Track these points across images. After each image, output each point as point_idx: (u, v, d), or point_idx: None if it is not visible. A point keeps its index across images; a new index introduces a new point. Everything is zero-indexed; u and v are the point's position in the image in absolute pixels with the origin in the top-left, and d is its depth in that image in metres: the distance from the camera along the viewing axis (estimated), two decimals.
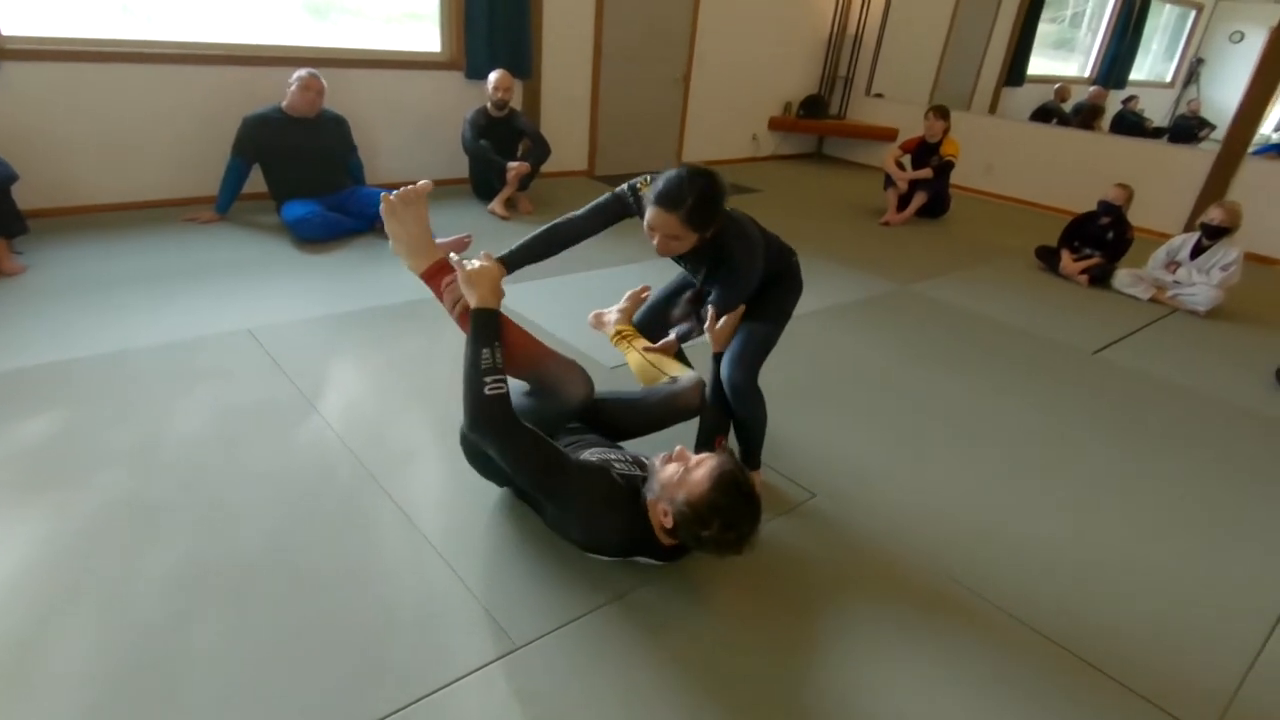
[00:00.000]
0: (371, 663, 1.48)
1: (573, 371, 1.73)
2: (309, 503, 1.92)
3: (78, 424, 2.15)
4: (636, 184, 1.83)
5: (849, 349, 3.18)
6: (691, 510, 1.47)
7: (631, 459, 1.74)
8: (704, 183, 1.68)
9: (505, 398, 1.53)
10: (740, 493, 1.48)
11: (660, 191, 1.68)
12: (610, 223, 1.87)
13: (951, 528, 2.06)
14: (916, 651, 1.63)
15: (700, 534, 1.48)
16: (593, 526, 1.66)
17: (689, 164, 1.72)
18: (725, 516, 1.46)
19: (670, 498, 1.51)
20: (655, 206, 1.69)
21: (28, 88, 3.57)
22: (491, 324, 1.57)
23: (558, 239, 1.85)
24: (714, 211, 1.71)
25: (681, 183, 1.67)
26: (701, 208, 1.67)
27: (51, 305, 2.85)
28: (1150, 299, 4.15)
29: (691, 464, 1.54)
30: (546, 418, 1.74)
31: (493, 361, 1.53)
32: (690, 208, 1.66)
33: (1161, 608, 1.84)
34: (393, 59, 4.67)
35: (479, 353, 1.54)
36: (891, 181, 5.33)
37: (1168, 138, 6.37)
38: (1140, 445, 2.61)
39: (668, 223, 1.69)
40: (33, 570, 1.63)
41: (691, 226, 1.70)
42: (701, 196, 1.67)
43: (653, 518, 1.59)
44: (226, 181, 3.86)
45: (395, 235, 1.69)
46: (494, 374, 1.52)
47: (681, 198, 1.66)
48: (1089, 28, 7.61)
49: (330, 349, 2.74)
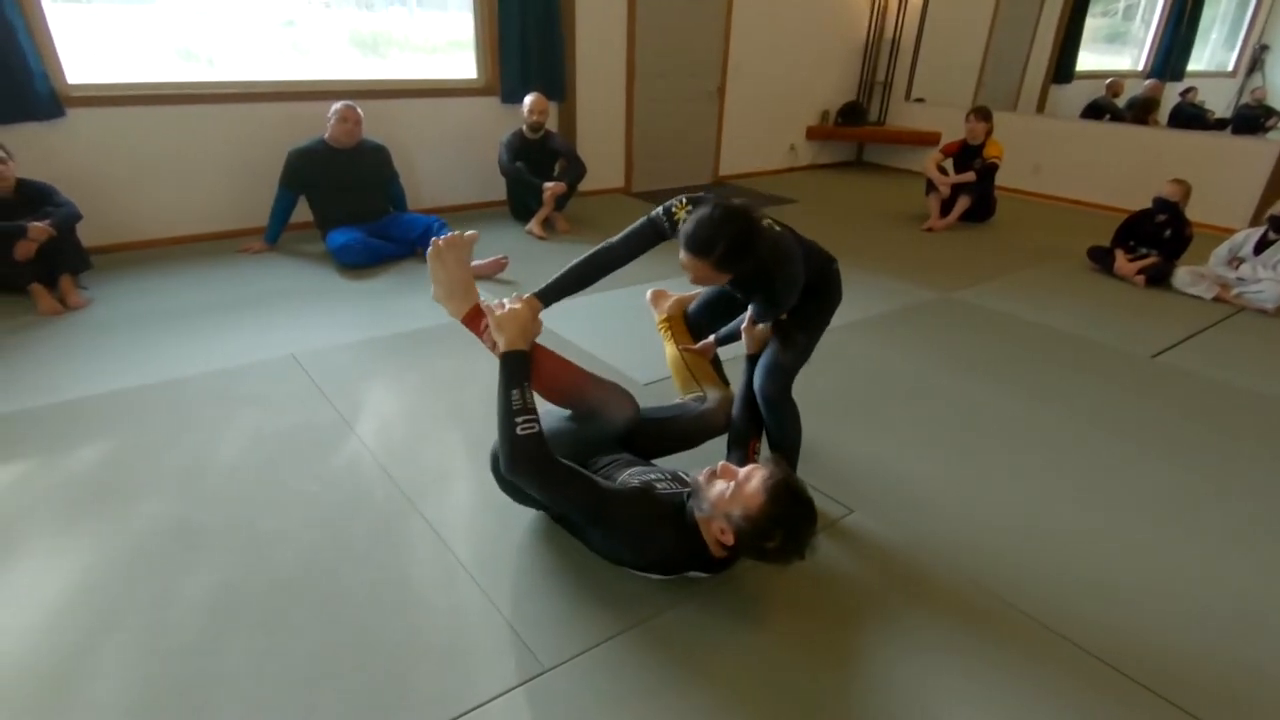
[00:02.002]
0: (401, 684, 1.49)
1: (615, 395, 1.74)
2: (344, 525, 1.95)
3: (126, 452, 2.24)
4: (672, 207, 1.78)
5: (890, 360, 3.10)
6: (751, 524, 1.47)
7: (670, 476, 1.74)
8: (735, 229, 1.60)
9: (537, 436, 1.54)
10: (798, 500, 1.48)
11: (690, 235, 1.62)
12: (646, 248, 1.83)
13: (997, 545, 1.98)
14: (961, 673, 1.56)
15: (765, 546, 1.48)
16: (644, 548, 1.66)
17: (721, 202, 1.64)
18: (787, 525, 1.46)
19: (726, 513, 1.50)
20: (686, 251, 1.64)
21: (92, 132, 3.78)
22: (520, 366, 1.60)
23: (593, 269, 1.80)
24: (746, 255, 1.64)
25: (713, 228, 1.60)
26: (733, 254, 1.62)
27: (111, 337, 2.99)
28: (1214, 298, 3.94)
29: (741, 478, 1.52)
30: (590, 441, 1.76)
31: (523, 402, 1.56)
32: (721, 255, 1.61)
33: (1223, 632, 1.72)
34: (431, 87, 4.80)
35: (509, 395, 1.57)
36: (933, 187, 5.21)
37: (1231, 129, 6.07)
38: (1206, 456, 2.46)
39: (698, 267, 1.65)
40: (76, 595, 1.69)
41: (723, 270, 1.66)
42: (733, 243, 1.60)
43: (706, 534, 1.58)
44: (275, 213, 4.02)
45: (437, 278, 1.69)
46: (525, 414, 1.55)
47: (713, 245, 1.60)
48: (1142, 20, 7.34)
49: (370, 372, 2.80)
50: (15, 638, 1.57)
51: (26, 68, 3.48)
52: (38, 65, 3.53)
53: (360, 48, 4.68)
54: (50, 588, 1.71)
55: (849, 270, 2.19)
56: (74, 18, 3.73)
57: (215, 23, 4.17)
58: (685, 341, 2.23)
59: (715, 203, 1.64)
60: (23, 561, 1.79)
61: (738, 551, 1.54)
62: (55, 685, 1.46)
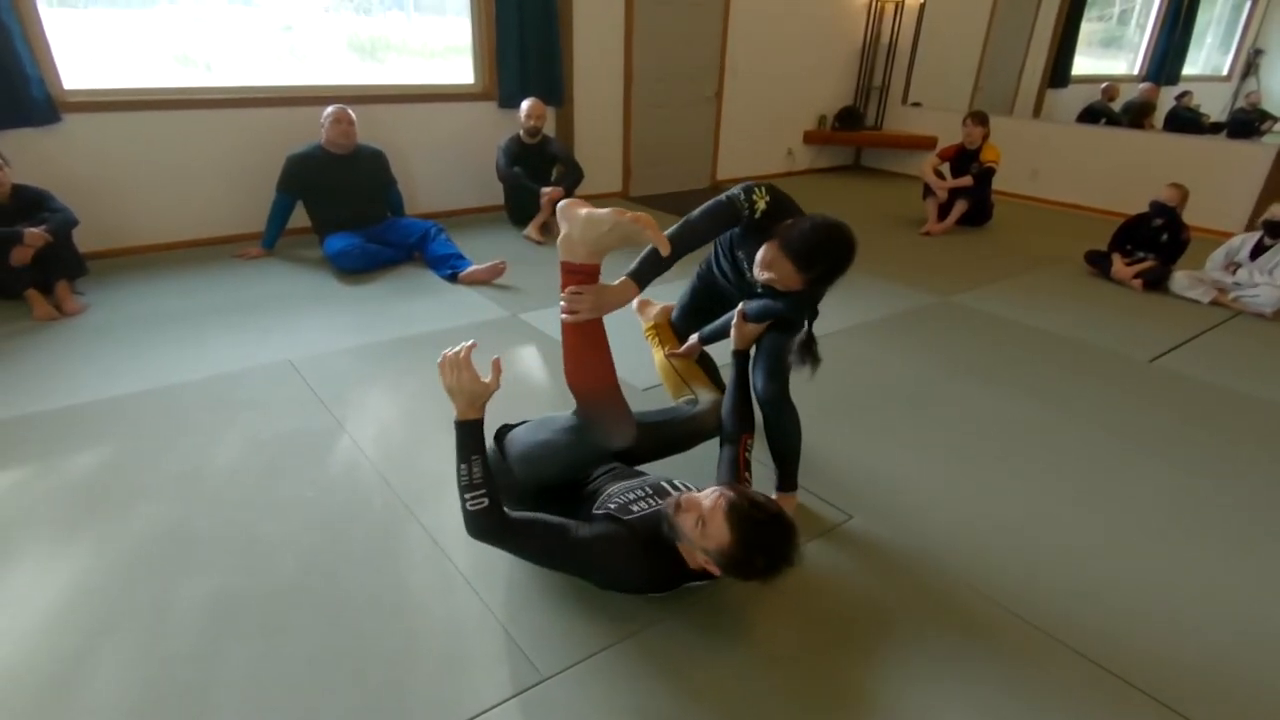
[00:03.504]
0: (399, 691, 1.48)
1: (625, 417, 1.71)
2: (342, 531, 1.94)
3: (123, 457, 2.23)
4: (753, 191, 1.78)
5: (888, 364, 3.10)
6: (729, 558, 1.46)
7: (652, 489, 1.72)
8: (841, 255, 1.67)
9: (488, 509, 1.54)
10: (759, 521, 1.45)
11: (798, 249, 1.66)
12: (723, 229, 1.84)
13: (997, 551, 1.97)
14: (961, 680, 1.56)
15: (753, 570, 1.47)
16: (621, 581, 1.67)
17: (834, 221, 1.69)
18: (763, 549, 1.45)
19: (703, 549, 1.50)
20: (788, 259, 1.67)
21: (88, 137, 3.77)
22: (470, 437, 1.58)
23: (681, 246, 1.74)
24: (838, 276, 1.70)
25: (822, 246, 1.66)
26: (830, 275, 1.68)
27: (108, 343, 2.98)
28: (1211, 302, 3.95)
29: (706, 514, 1.49)
30: (580, 456, 1.74)
31: (470, 478, 1.55)
32: (819, 275, 1.68)
33: (1226, 640, 1.72)
34: (428, 92, 4.80)
35: (459, 469, 1.57)
36: (930, 191, 5.22)
37: (1226, 133, 6.09)
38: (1204, 459, 2.46)
39: (789, 275, 1.69)
40: (74, 600, 1.68)
41: (809, 284, 1.71)
42: (832, 267, 1.67)
43: (690, 560, 1.57)
44: (272, 218, 4.01)
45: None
46: (473, 490, 1.55)
47: (814, 262, 1.66)
48: (1137, 24, 7.37)
49: (367, 378, 2.79)
50: (14, 642, 1.56)
51: (23, 73, 3.48)
52: (34, 70, 3.52)
53: (358, 53, 4.68)
54: (48, 593, 1.70)
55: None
56: (70, 23, 3.72)
57: (212, 28, 4.16)
58: (672, 345, 2.26)
59: (828, 220, 1.69)
60: (21, 566, 1.78)
61: (732, 577, 1.53)
62: (54, 690, 1.45)
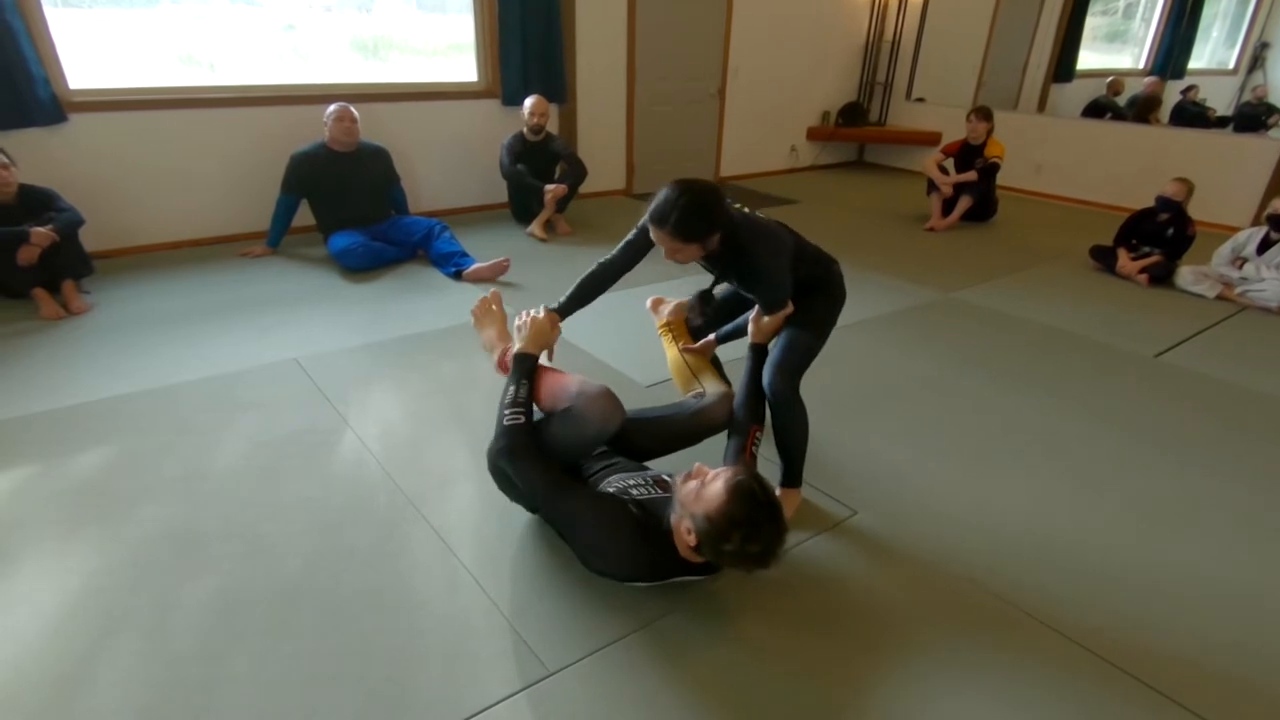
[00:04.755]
0: (405, 688, 1.48)
1: (594, 405, 1.68)
2: (347, 529, 1.95)
3: (128, 457, 2.24)
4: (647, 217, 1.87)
5: (892, 360, 3.09)
6: (711, 524, 1.44)
7: (653, 480, 1.72)
8: (688, 198, 1.72)
9: (519, 428, 1.70)
10: (757, 502, 1.44)
11: (651, 210, 1.77)
12: (642, 255, 1.98)
13: (1002, 546, 1.97)
14: (964, 674, 1.56)
15: (722, 548, 1.45)
16: (610, 553, 1.65)
17: (681, 180, 1.77)
18: (745, 528, 1.43)
19: (691, 513, 1.49)
20: (650, 225, 1.79)
21: (93, 137, 3.78)
22: (523, 365, 1.80)
23: (598, 282, 1.99)
24: (702, 222, 1.74)
25: (666, 199, 1.73)
26: (687, 221, 1.72)
27: (114, 342, 2.99)
28: (1217, 297, 3.93)
29: (709, 478, 1.52)
30: (573, 444, 1.74)
31: (515, 396, 1.75)
32: (675, 222, 1.72)
33: (1233, 633, 1.71)
34: (432, 91, 4.80)
35: (507, 388, 1.78)
36: (934, 186, 5.20)
37: (1232, 127, 6.06)
38: (1210, 454, 2.45)
39: (661, 238, 1.77)
40: (80, 601, 1.69)
41: (683, 239, 1.74)
42: (685, 210, 1.71)
43: (677, 539, 1.56)
44: (276, 217, 4.02)
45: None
46: (514, 406, 1.73)
47: (666, 214, 1.72)
48: (1142, 18, 7.33)
49: (372, 376, 2.80)
50: (21, 643, 1.57)
51: (28, 73, 3.49)
52: (39, 71, 3.54)
53: (361, 51, 4.68)
54: (54, 593, 1.71)
55: (850, 271, 2.19)
56: (75, 23, 3.73)
57: (216, 27, 4.17)
58: (686, 341, 2.25)
59: (670, 189, 1.75)
60: (27, 566, 1.79)
61: (701, 553, 1.51)
62: (61, 690, 1.46)
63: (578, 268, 2.00)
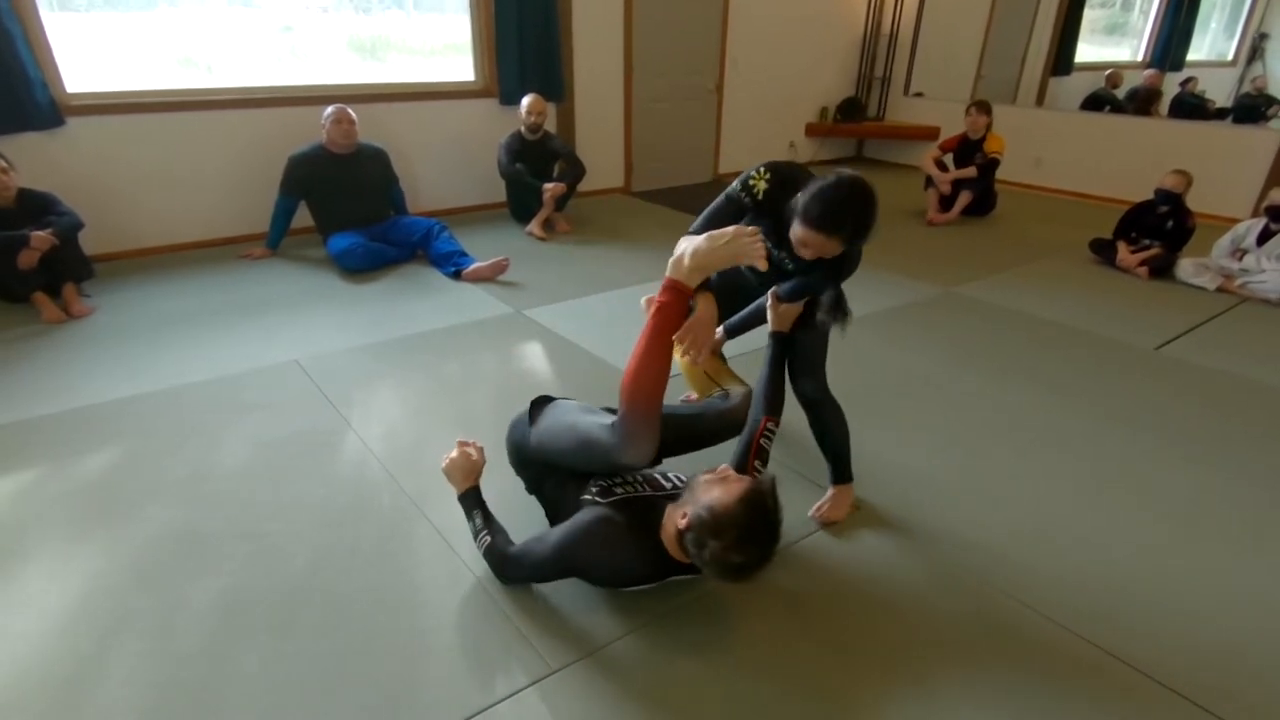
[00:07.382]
0: (409, 687, 1.49)
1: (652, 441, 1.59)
2: (351, 529, 1.96)
3: (132, 459, 2.25)
4: (750, 177, 1.78)
5: (892, 357, 3.09)
6: (710, 516, 1.43)
7: (643, 478, 1.72)
8: (864, 207, 1.63)
9: (490, 549, 1.74)
10: (763, 515, 1.43)
11: (818, 216, 1.62)
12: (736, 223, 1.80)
13: (1003, 540, 1.98)
14: (967, 671, 1.56)
15: (707, 542, 1.42)
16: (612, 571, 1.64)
17: (845, 176, 1.64)
18: (741, 534, 1.41)
19: (695, 500, 1.49)
20: (813, 230, 1.63)
21: (92, 140, 3.79)
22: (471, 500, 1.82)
23: None
24: (871, 229, 1.66)
25: (842, 206, 1.61)
26: (862, 231, 1.65)
27: (115, 345, 2.99)
28: (1218, 289, 3.93)
29: (732, 478, 1.52)
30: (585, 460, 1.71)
31: (475, 527, 1.78)
32: (851, 234, 1.64)
33: (1240, 629, 1.72)
34: (429, 90, 4.80)
35: (469, 525, 1.81)
36: (932, 181, 5.20)
37: (1232, 118, 6.05)
38: (1212, 446, 2.45)
39: (825, 244, 1.65)
40: (86, 602, 1.70)
41: (850, 245, 1.69)
42: (860, 222, 1.63)
43: (665, 533, 1.56)
44: (276, 219, 4.02)
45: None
46: (477, 535, 1.78)
47: (841, 223, 1.62)
48: (1140, 10, 7.31)
49: (373, 376, 2.80)
50: (28, 643, 1.58)
51: (25, 77, 3.49)
52: (36, 74, 3.54)
53: (358, 52, 4.69)
54: (61, 594, 1.71)
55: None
56: (72, 26, 3.73)
57: (213, 30, 4.17)
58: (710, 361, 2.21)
59: (838, 177, 1.63)
60: (32, 568, 1.79)
61: (684, 542, 1.49)
62: (68, 690, 1.47)
63: (577, 266, 2.00)
